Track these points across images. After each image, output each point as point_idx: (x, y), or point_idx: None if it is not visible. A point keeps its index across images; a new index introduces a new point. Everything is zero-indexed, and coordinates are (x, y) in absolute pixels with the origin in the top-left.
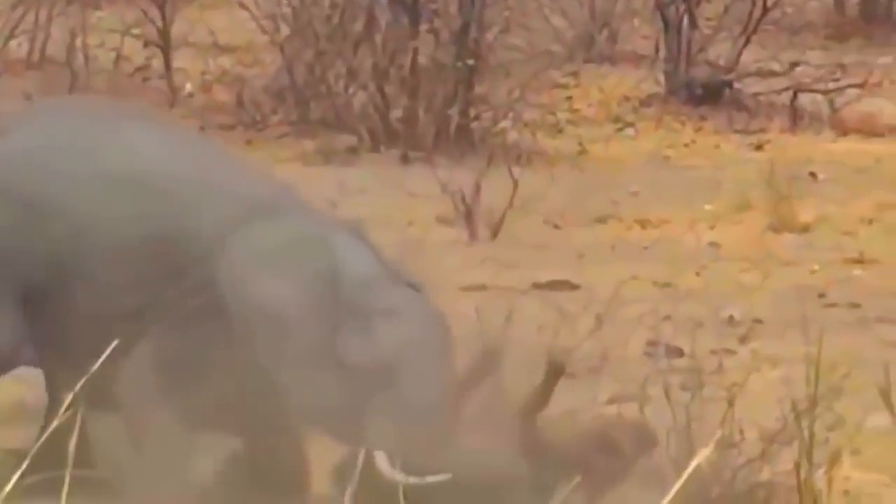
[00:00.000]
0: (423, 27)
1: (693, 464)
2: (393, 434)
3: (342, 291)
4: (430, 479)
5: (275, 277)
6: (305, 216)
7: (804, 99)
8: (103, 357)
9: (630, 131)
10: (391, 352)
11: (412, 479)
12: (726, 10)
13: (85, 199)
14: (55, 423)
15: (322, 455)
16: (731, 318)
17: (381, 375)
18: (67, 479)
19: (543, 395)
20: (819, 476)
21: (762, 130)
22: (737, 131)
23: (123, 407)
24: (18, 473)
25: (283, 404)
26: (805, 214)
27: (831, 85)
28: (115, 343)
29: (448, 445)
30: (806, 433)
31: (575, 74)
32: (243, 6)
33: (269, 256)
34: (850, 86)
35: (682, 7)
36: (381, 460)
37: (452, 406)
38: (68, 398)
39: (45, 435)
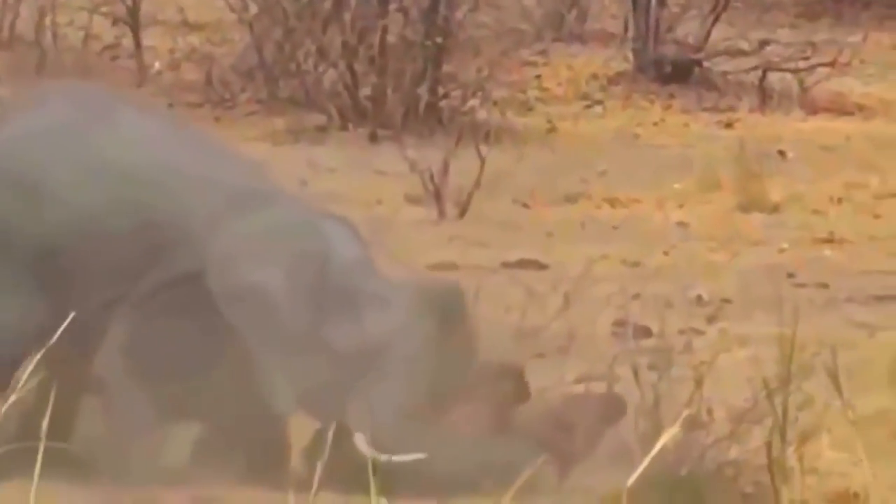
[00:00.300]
0: (392, 5)
1: (659, 443)
2: (374, 415)
3: (331, 275)
4: (408, 457)
5: (264, 260)
6: (293, 204)
7: (773, 77)
8: (61, 329)
9: (599, 109)
10: (378, 337)
11: (392, 458)
12: None
13: (74, 187)
14: (13, 397)
15: (300, 433)
16: (699, 297)
17: (366, 359)
18: (41, 454)
19: (523, 387)
20: (789, 455)
21: (731, 109)
22: (706, 110)
23: (101, 389)
24: None
25: (264, 388)
26: (774, 193)
27: (801, 64)
28: (71, 316)
29: (427, 429)
30: (778, 412)
31: (544, 53)
32: None
33: (258, 241)
34: (819, 65)
35: None
36: (360, 440)
37: (435, 394)
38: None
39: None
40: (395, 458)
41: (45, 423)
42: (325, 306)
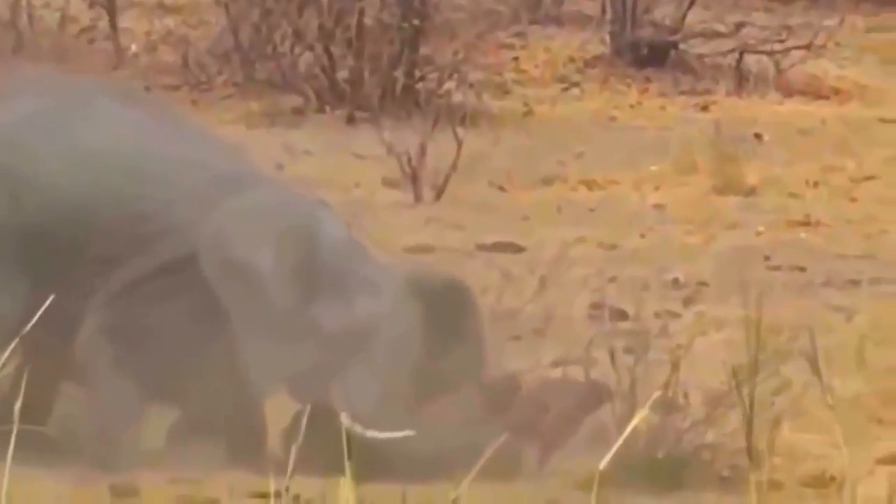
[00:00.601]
0: None
1: (631, 424)
2: (355, 397)
3: (320, 258)
4: (395, 434)
5: (255, 239)
6: (276, 186)
7: (750, 60)
8: (39, 313)
9: (576, 92)
10: (366, 320)
11: (379, 435)
12: None
13: (57, 175)
14: None
15: (278, 415)
16: (675, 280)
17: (353, 341)
18: (14, 438)
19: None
20: (765, 438)
21: (708, 92)
22: (682, 92)
23: (83, 375)
24: None
25: (246, 367)
26: (750, 176)
27: (777, 46)
28: (50, 299)
29: (407, 416)
30: (748, 397)
31: (521, 35)
32: None
33: (249, 220)
34: (795, 47)
35: None
36: (346, 419)
37: (424, 382)
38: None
39: None
40: (382, 435)
41: (17, 407)
42: (314, 287)
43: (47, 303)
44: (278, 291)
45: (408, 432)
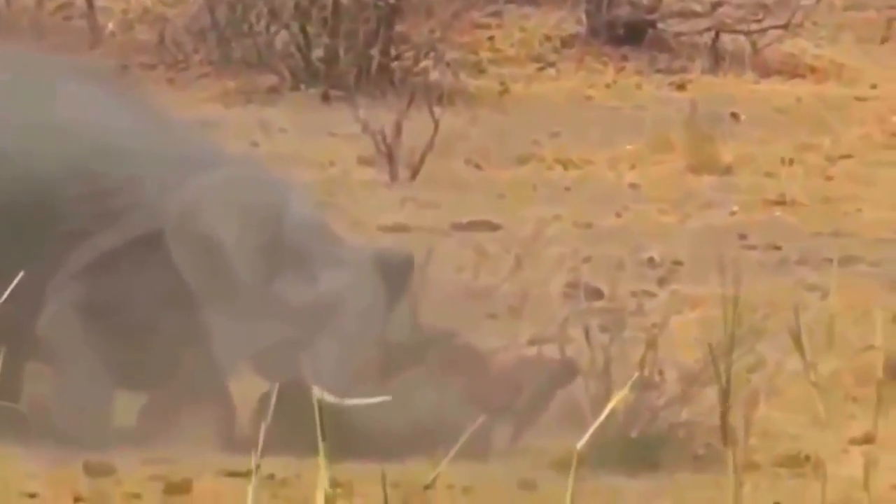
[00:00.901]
0: None
1: (609, 406)
2: (323, 371)
3: (285, 234)
4: (369, 401)
5: (221, 215)
6: (241, 164)
7: (726, 39)
8: (8, 291)
9: (552, 71)
10: (330, 295)
11: (353, 402)
12: None
13: (24, 154)
14: None
15: (245, 394)
16: (650, 259)
17: (318, 316)
18: None
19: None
20: (739, 416)
21: (684, 71)
22: (658, 71)
23: (50, 352)
24: None
25: (211, 340)
26: (726, 155)
27: (753, 26)
28: (20, 276)
29: (374, 389)
30: (724, 376)
31: (497, 14)
32: None
33: (215, 196)
34: (772, 26)
35: None
36: (319, 392)
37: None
38: None
39: None
40: (357, 402)
41: None
42: (278, 262)
43: (16, 280)
44: (242, 267)
45: (382, 398)
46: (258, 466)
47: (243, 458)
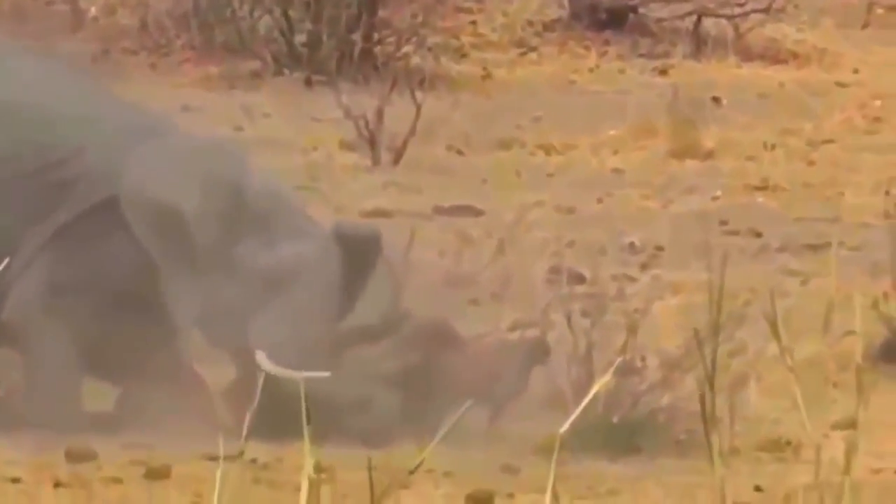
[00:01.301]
0: None
1: (591, 391)
2: (273, 338)
3: (246, 200)
4: (312, 374)
5: (179, 184)
6: (197, 137)
7: (708, 24)
8: None
9: (534, 56)
10: (288, 264)
11: (293, 374)
12: None
13: None
14: None
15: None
16: (632, 244)
17: (274, 283)
18: None
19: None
20: (719, 403)
21: (666, 55)
22: (641, 56)
23: (16, 335)
24: None
25: (168, 303)
26: (708, 140)
27: (736, 10)
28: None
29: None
30: (708, 360)
31: None
32: None
33: (171, 163)
34: (754, 11)
35: None
36: (261, 357)
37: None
38: None
39: None
40: (297, 374)
41: None
42: (238, 229)
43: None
44: (201, 232)
45: (323, 373)
46: (242, 452)
47: (224, 443)
